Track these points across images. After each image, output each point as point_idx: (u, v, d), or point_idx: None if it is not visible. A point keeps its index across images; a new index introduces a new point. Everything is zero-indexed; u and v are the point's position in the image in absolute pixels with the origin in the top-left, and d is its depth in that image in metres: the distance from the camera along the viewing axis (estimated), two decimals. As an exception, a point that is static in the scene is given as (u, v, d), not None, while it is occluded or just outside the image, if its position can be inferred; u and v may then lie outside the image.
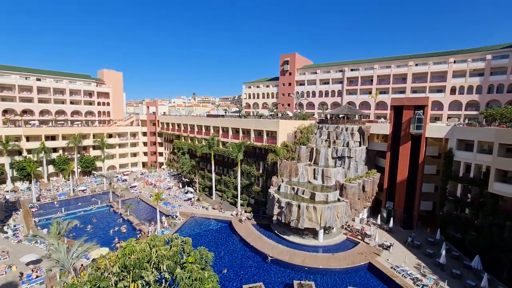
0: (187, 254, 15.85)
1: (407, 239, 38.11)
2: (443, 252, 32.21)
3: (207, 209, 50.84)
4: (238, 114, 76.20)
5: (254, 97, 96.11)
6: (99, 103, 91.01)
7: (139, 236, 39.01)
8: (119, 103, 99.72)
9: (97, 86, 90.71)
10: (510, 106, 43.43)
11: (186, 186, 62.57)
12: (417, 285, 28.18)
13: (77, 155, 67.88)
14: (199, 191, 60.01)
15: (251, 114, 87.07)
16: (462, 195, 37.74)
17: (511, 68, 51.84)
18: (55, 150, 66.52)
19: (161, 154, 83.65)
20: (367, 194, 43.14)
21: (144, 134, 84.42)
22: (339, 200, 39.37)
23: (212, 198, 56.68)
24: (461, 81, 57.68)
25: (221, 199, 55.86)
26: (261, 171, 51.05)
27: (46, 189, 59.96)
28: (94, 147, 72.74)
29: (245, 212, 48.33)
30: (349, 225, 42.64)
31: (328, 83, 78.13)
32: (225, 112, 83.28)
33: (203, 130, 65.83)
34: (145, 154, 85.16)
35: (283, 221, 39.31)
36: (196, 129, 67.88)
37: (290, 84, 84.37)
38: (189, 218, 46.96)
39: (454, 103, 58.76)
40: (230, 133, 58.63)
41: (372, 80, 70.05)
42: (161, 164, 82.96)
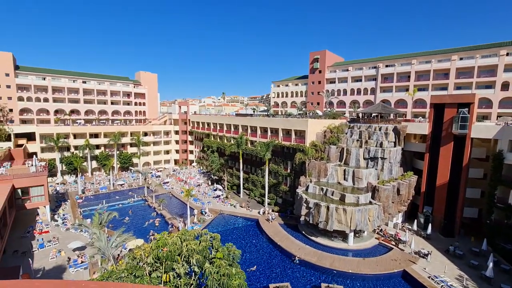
0: (215, 249, 16.24)
1: (448, 247, 35.22)
2: (490, 265, 29.18)
3: (235, 206, 51.69)
4: (267, 113, 76.20)
5: (282, 96, 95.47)
6: (136, 103, 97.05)
7: (171, 230, 40.87)
8: (154, 103, 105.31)
9: (134, 87, 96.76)
10: None
11: (215, 183, 64.19)
12: (458, 298, 25.98)
13: (117, 152, 73.09)
14: (228, 189, 61.18)
15: (280, 113, 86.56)
16: (514, 202, 33.90)
17: None
18: (97, 147, 72.25)
19: (191, 152, 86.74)
20: (402, 197, 40.64)
21: (176, 132, 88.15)
22: (371, 202, 37.59)
23: (240, 196, 57.48)
24: (514, 75, 51.78)
25: (249, 198, 56.40)
26: (289, 170, 50.58)
27: (90, 182, 65.41)
28: (131, 145, 77.71)
29: (272, 211, 48.28)
30: (381, 229, 40.58)
31: (361, 80, 74.91)
32: (254, 111, 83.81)
33: (232, 129, 66.93)
34: (177, 151, 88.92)
35: (311, 222, 38.58)
36: (225, 128, 69.24)
37: (319, 82, 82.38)
38: (218, 215, 48.13)
39: (505, 100, 52.92)
40: (258, 132, 58.89)
41: (409, 77, 65.77)
42: (191, 162, 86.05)
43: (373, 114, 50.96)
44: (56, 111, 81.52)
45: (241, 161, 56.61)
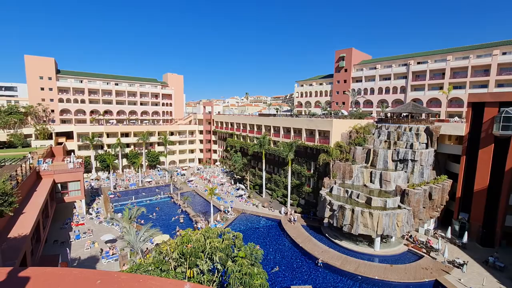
0: (237, 248, 16.36)
1: (487, 258, 32.49)
2: (537, 280, 26.51)
3: (257, 206, 51.84)
4: (290, 113, 75.55)
5: (306, 96, 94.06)
6: (163, 104, 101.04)
7: (195, 226, 41.99)
8: (180, 103, 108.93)
9: (162, 88, 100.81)
10: None
11: (238, 183, 64.86)
12: (499, 314, 23.86)
13: (145, 150, 76.61)
14: (250, 188, 61.55)
15: (303, 113, 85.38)
16: None
17: None
18: (128, 145, 76.21)
19: (215, 152, 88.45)
20: (434, 202, 38.21)
21: (201, 132, 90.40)
22: (399, 207, 35.78)
23: (262, 196, 57.56)
24: None
25: (271, 198, 56.28)
26: (312, 171, 49.71)
27: (120, 179, 69.21)
28: (159, 144, 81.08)
29: (295, 212, 47.75)
30: (411, 235, 38.47)
31: (389, 78, 71.63)
32: (277, 111, 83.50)
33: (255, 129, 67.21)
34: (201, 151, 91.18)
35: (334, 224, 37.58)
36: (248, 128, 69.70)
37: (345, 81, 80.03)
38: (240, 214, 48.57)
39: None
40: (281, 132, 58.55)
41: (443, 74, 61.70)
42: (215, 161, 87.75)
43: (403, 114, 48.47)
44: (92, 112, 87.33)
45: (263, 161, 56.66)
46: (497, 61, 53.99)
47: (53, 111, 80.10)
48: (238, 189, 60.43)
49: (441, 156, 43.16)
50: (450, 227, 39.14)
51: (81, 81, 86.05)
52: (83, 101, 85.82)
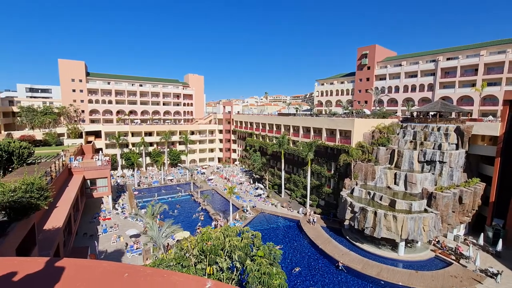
0: (256, 247, 16.41)
1: (524, 268, 30.08)
2: None
3: (276, 206, 51.67)
4: (310, 113, 74.44)
5: (326, 95, 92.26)
6: (184, 104, 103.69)
7: (214, 224, 42.70)
8: (200, 103, 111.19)
9: (183, 89, 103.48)
10: None
11: (257, 182, 65.03)
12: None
13: (167, 149, 79.07)
14: (269, 188, 61.46)
15: (323, 112, 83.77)
16: None
17: None
18: (151, 144, 79.07)
19: (234, 151, 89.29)
20: (465, 207, 35.96)
21: (220, 131, 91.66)
22: (426, 210, 34.08)
23: (281, 196, 57.28)
24: None
25: (290, 198, 55.85)
26: (332, 172, 48.69)
27: (144, 176, 71.97)
28: (180, 143, 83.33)
29: (314, 213, 47.03)
30: (438, 241, 36.48)
31: (416, 76, 68.36)
32: (296, 111, 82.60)
33: (274, 129, 67.00)
34: (220, 150, 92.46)
35: (356, 227, 36.54)
36: (268, 128, 69.62)
37: (368, 79, 77.48)
38: (259, 214, 48.68)
39: None
40: (301, 131, 57.89)
41: (476, 70, 57.85)
42: (234, 160, 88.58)
43: (431, 113, 46.05)
44: (118, 112, 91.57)
45: (283, 160, 56.33)
46: (538, 55, 49.72)
47: (83, 111, 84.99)
48: (257, 188, 60.58)
49: (473, 157, 40.49)
50: (482, 234, 36.57)
51: (108, 83, 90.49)
52: (110, 102, 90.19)
